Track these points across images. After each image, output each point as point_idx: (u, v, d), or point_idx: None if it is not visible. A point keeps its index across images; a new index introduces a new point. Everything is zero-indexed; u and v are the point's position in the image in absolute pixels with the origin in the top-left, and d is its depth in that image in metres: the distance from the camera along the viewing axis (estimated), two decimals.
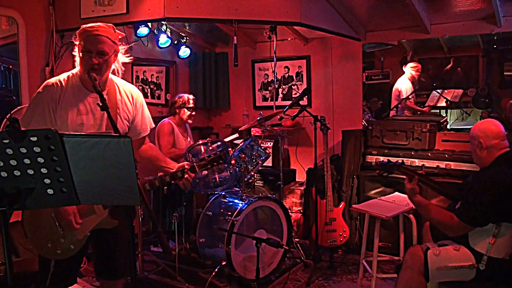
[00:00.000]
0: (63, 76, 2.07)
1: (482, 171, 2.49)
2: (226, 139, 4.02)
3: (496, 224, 2.29)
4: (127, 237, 2.26)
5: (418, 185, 2.51)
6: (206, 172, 2.39)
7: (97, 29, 2.01)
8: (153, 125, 2.37)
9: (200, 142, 3.50)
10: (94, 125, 2.07)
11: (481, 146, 2.41)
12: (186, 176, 2.21)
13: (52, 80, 2.05)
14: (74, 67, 2.13)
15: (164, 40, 4.58)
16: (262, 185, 4.58)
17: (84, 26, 2.03)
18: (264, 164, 3.98)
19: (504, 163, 2.37)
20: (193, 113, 4.08)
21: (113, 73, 2.18)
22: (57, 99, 2.00)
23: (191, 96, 4.10)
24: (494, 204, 2.25)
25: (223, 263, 3.18)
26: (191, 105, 4.05)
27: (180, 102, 4.04)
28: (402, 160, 2.79)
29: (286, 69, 5.12)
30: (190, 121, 4.13)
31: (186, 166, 2.23)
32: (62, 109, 2.00)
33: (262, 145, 3.92)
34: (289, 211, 3.74)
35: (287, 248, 3.43)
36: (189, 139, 4.19)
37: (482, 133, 2.43)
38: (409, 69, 5.53)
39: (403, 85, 5.51)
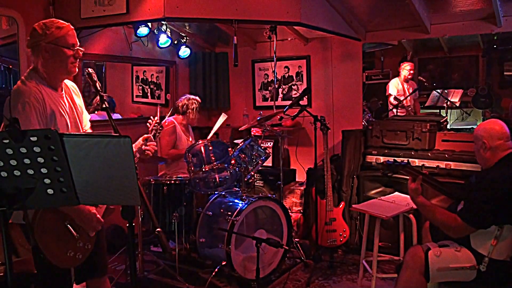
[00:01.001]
0: (29, 80, 1.97)
1: (485, 172, 2.48)
2: (216, 126, 4.04)
3: (498, 226, 2.28)
4: (104, 232, 2.26)
5: (421, 184, 2.51)
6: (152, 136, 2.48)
7: (67, 23, 2.03)
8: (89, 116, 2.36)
9: (200, 142, 3.50)
10: (72, 123, 2.08)
11: (485, 147, 2.41)
12: (148, 146, 2.23)
13: (27, 86, 1.94)
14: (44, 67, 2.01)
15: (164, 40, 4.58)
16: (262, 185, 4.58)
17: (52, 23, 1.98)
18: (264, 164, 3.98)
19: (508, 164, 2.36)
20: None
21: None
22: (44, 103, 1.94)
23: (198, 99, 4.19)
24: (498, 205, 2.24)
25: (223, 263, 3.18)
26: (198, 108, 4.16)
27: (195, 104, 4.11)
28: (408, 160, 2.79)
29: (286, 69, 5.12)
30: (196, 123, 4.22)
31: (146, 136, 2.27)
32: (49, 112, 1.96)
33: (262, 145, 3.92)
34: (289, 211, 3.74)
35: (287, 248, 3.43)
36: (190, 139, 4.20)
37: (486, 133, 2.42)
38: (401, 69, 5.54)
39: (390, 84, 5.52)
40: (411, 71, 5.49)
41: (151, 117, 2.56)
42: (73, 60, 2.03)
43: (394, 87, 5.44)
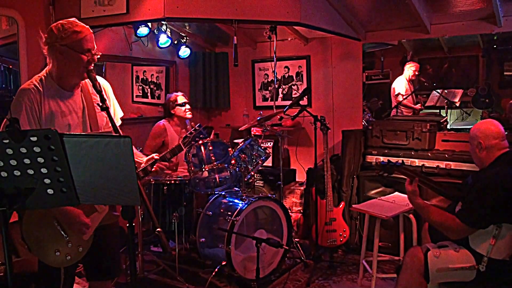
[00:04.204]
0: (35, 80, 2.00)
1: (481, 172, 2.49)
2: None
3: (496, 225, 2.28)
4: (117, 235, 2.24)
5: (418, 186, 2.51)
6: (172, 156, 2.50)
7: (86, 26, 2.02)
8: (122, 114, 2.35)
9: (200, 142, 3.50)
10: (79, 124, 2.07)
11: (480, 147, 2.41)
12: (156, 167, 2.26)
13: (27, 85, 1.97)
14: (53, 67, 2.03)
15: (164, 40, 4.58)
16: (262, 185, 4.58)
17: (71, 26, 1.97)
18: (264, 164, 3.98)
19: (503, 164, 2.37)
20: (187, 106, 4.06)
21: None
22: (39, 103, 1.94)
23: (179, 93, 4.09)
24: (496, 205, 2.25)
25: (223, 263, 3.18)
26: (183, 101, 4.04)
27: (172, 103, 4.04)
28: (402, 161, 2.80)
29: (286, 69, 5.12)
30: (189, 116, 4.10)
31: (156, 157, 2.30)
32: (47, 113, 1.96)
33: (262, 145, 3.92)
34: (289, 211, 3.74)
35: (287, 248, 3.43)
36: None
37: (481, 133, 2.42)
38: (406, 69, 5.58)
39: (397, 83, 5.56)
40: (416, 72, 5.52)
41: (192, 123, 2.53)
42: (87, 65, 2.00)
43: (404, 86, 5.47)
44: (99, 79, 2.20)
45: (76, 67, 1.99)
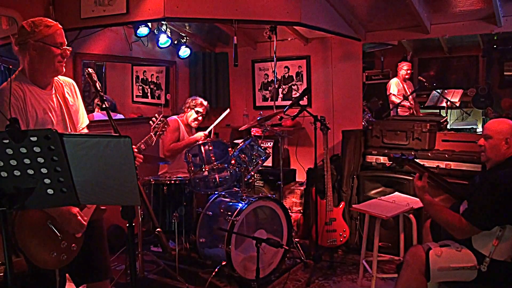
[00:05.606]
0: (14, 80, 1.99)
1: (490, 172, 2.48)
2: (218, 119, 4.05)
3: (500, 226, 2.28)
4: (104, 231, 2.22)
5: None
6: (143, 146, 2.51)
7: (55, 22, 2.04)
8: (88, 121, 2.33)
9: (200, 142, 3.51)
10: (59, 122, 2.07)
11: (506, 141, 2.40)
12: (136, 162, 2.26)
13: (6, 84, 1.96)
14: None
15: (164, 40, 4.58)
16: (262, 185, 4.58)
17: (41, 21, 1.99)
18: (264, 164, 3.98)
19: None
20: (200, 118, 4.16)
21: None
22: (23, 100, 1.94)
23: (205, 102, 4.19)
24: (504, 206, 2.24)
25: (223, 263, 3.18)
26: (201, 111, 4.13)
27: (191, 104, 4.12)
28: (415, 155, 2.77)
29: (286, 69, 5.12)
30: (194, 125, 4.19)
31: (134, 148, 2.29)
32: (30, 111, 1.96)
33: (262, 145, 3.92)
34: (289, 211, 3.74)
35: (287, 248, 3.43)
36: None
37: (510, 130, 2.41)
38: (399, 69, 5.59)
39: (390, 84, 5.57)
40: (409, 71, 5.54)
41: (156, 114, 2.58)
42: (61, 59, 2.03)
43: (395, 86, 5.48)
44: (66, 78, 2.21)
45: (51, 61, 2.01)
